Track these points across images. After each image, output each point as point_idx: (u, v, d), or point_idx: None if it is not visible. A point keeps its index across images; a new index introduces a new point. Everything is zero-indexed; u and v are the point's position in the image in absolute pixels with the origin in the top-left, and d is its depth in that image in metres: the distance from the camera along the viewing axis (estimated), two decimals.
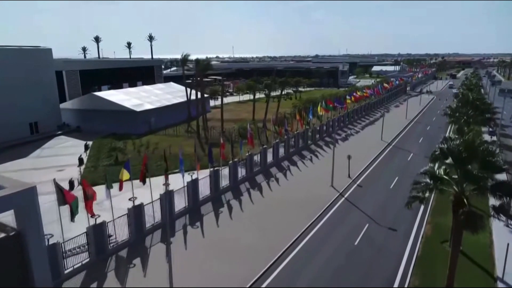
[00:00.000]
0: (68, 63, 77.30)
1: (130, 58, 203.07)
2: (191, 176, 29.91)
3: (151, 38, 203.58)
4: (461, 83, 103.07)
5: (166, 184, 27.28)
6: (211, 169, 32.53)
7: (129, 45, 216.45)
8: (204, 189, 31.90)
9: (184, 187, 29.43)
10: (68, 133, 60.68)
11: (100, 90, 75.84)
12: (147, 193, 27.47)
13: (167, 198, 26.96)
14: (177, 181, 30.40)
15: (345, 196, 33.52)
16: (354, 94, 72.01)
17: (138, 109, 59.68)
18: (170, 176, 29.07)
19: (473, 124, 32.00)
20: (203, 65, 62.27)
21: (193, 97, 62.25)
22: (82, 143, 52.05)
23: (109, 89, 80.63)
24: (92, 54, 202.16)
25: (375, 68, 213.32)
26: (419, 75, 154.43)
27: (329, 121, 58.05)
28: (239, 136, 48.81)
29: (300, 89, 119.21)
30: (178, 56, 63.38)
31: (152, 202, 26.69)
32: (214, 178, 32.05)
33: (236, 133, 51.33)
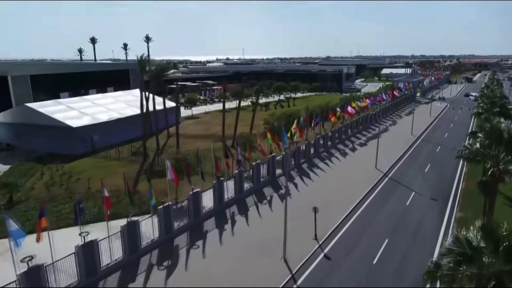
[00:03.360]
0: (16, 67, 67.09)
1: (126, 60, 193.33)
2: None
3: (147, 39, 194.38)
4: (480, 93, 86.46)
5: None
6: (85, 234, 20.54)
7: (125, 46, 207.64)
8: (72, 270, 20.15)
9: (16, 281, 17.58)
10: None
11: (58, 98, 64.97)
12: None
13: None
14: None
15: (300, 280, 21.36)
16: (348, 107, 57.42)
17: (75, 125, 48.26)
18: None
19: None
20: (158, 69, 50.92)
21: (166, 106, 51.63)
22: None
23: (69, 96, 70.24)
24: (96, 56, 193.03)
25: (385, 71, 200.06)
26: (432, 78, 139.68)
27: (308, 142, 45.61)
28: (148, 179, 34.99)
29: (299, 94, 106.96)
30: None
31: None
32: (83, 256, 20.03)
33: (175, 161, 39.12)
